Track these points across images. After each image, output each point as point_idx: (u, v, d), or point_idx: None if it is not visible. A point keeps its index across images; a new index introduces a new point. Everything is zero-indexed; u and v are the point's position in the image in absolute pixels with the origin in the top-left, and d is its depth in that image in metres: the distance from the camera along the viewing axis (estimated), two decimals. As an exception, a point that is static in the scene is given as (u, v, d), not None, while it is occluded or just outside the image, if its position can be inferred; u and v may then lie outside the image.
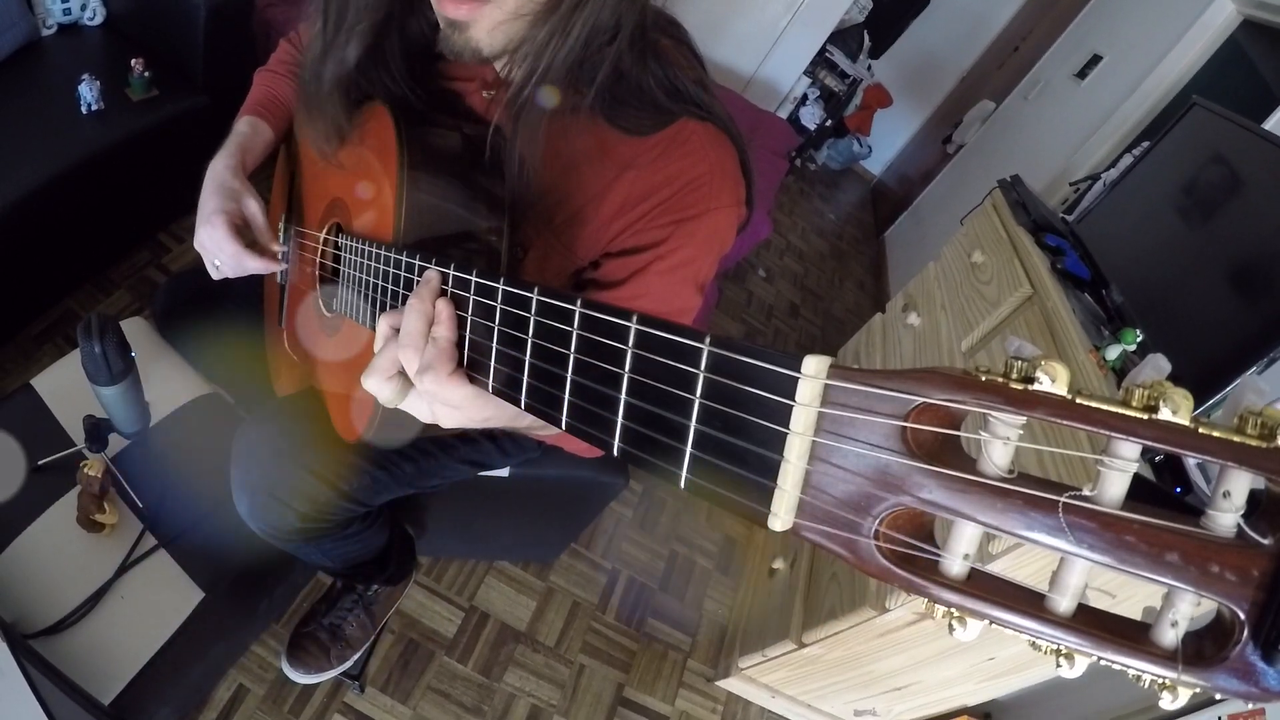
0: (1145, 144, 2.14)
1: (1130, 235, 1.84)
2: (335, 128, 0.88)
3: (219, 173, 1.01)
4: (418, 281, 0.62)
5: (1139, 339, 1.46)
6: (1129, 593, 1.09)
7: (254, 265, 1.01)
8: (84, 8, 1.98)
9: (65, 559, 1.12)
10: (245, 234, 1.02)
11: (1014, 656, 1.45)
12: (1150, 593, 0.24)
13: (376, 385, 0.61)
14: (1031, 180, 2.41)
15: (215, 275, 1.06)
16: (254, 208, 1.01)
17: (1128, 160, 2.25)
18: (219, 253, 1.01)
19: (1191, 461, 1.12)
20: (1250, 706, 1.25)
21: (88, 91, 1.75)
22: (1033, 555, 1.16)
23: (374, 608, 1.57)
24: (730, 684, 1.95)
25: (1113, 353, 1.45)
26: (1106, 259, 1.80)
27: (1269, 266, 1.40)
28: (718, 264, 0.90)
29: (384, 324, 0.62)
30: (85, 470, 1.09)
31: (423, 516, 1.66)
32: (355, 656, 1.54)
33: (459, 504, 1.69)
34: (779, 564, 1.94)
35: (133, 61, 1.85)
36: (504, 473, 1.44)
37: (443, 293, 0.59)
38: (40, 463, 1.17)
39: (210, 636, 1.19)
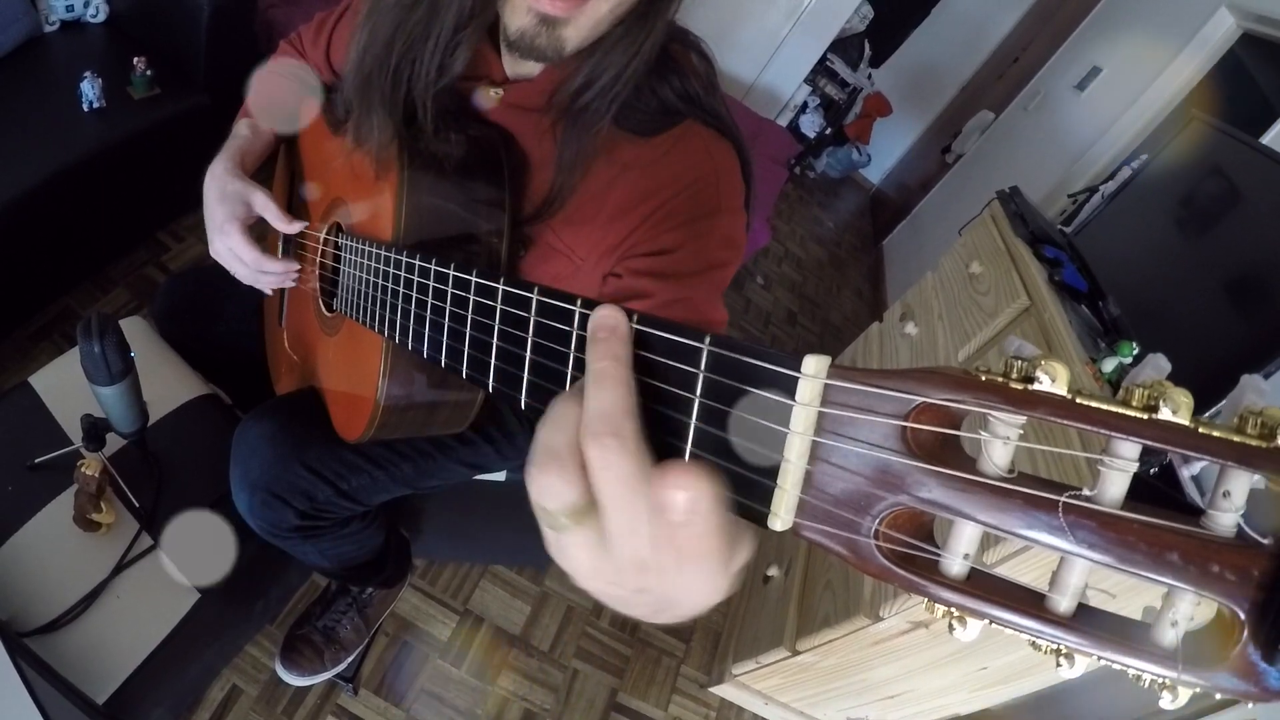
0: (1144, 157, 2.15)
1: (1128, 248, 1.85)
2: (394, 127, 0.84)
3: (219, 178, 1.01)
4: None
5: (1135, 352, 1.46)
6: (1130, 595, 1.09)
7: (274, 268, 1.01)
8: (87, 5, 1.98)
9: (61, 558, 1.11)
10: (259, 229, 1.02)
11: (1007, 666, 1.45)
12: (1151, 594, 0.24)
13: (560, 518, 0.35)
14: (1030, 191, 2.41)
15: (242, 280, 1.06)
16: (261, 199, 1.00)
17: (1126, 173, 2.26)
18: (237, 261, 1.00)
19: (1186, 474, 1.12)
20: (1251, 707, 1.25)
21: (89, 89, 1.75)
22: (1030, 564, 1.16)
23: (369, 610, 1.57)
24: (724, 690, 1.94)
25: (1109, 365, 1.45)
26: (1104, 271, 1.81)
27: (1266, 280, 1.41)
28: (736, 268, 0.89)
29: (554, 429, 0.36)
30: (82, 469, 1.09)
31: (419, 519, 1.66)
32: (349, 659, 1.54)
33: (455, 507, 1.69)
34: (773, 571, 1.94)
35: (135, 60, 1.85)
36: (500, 476, 1.44)
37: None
38: (37, 461, 1.17)
39: (205, 637, 1.18)
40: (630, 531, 0.33)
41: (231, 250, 0.99)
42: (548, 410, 0.36)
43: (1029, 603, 0.27)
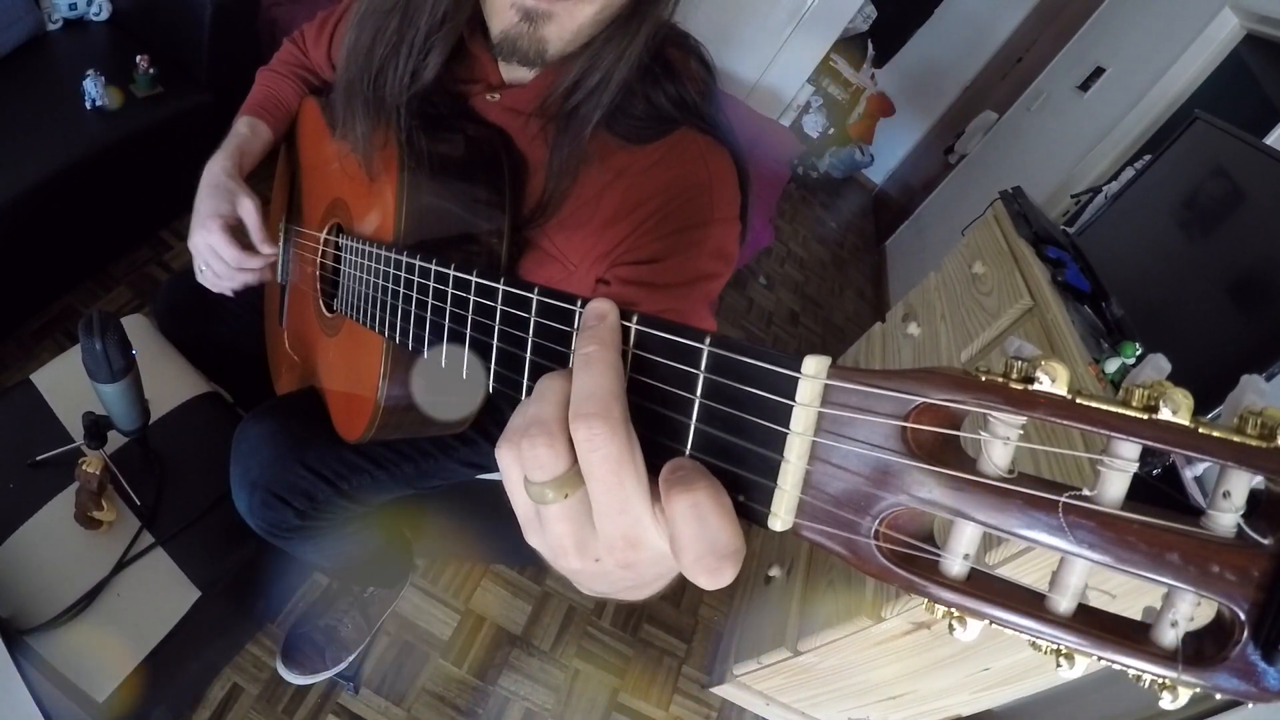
0: (1147, 157, 2.14)
1: (1131, 249, 1.84)
2: (380, 133, 0.85)
3: (214, 174, 1.01)
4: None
5: (1138, 352, 1.45)
6: (1131, 597, 1.09)
7: (254, 264, 1.01)
8: (90, 3, 1.98)
9: (62, 555, 1.12)
10: (240, 235, 1.02)
11: (1009, 667, 1.45)
12: (1151, 594, 0.24)
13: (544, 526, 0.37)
14: (1033, 192, 2.41)
15: (202, 280, 1.06)
16: (248, 206, 1.00)
17: (1129, 173, 2.25)
18: (215, 257, 1.00)
19: (1189, 475, 1.11)
20: (1251, 706, 1.25)
21: (92, 87, 1.75)
22: (1031, 564, 1.15)
23: (370, 610, 1.57)
24: (725, 691, 1.94)
25: (1112, 366, 1.45)
26: (1107, 272, 1.80)
27: (1269, 281, 1.41)
28: (725, 280, 0.89)
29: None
30: (84, 467, 1.09)
31: (420, 518, 1.65)
32: (350, 658, 1.54)
33: (457, 507, 1.68)
34: (775, 571, 1.93)
35: (138, 58, 1.85)
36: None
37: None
38: (39, 458, 1.17)
39: (206, 635, 1.19)
40: (620, 510, 0.34)
41: (211, 247, 0.99)
42: (535, 386, 0.36)
43: (1029, 603, 0.27)
